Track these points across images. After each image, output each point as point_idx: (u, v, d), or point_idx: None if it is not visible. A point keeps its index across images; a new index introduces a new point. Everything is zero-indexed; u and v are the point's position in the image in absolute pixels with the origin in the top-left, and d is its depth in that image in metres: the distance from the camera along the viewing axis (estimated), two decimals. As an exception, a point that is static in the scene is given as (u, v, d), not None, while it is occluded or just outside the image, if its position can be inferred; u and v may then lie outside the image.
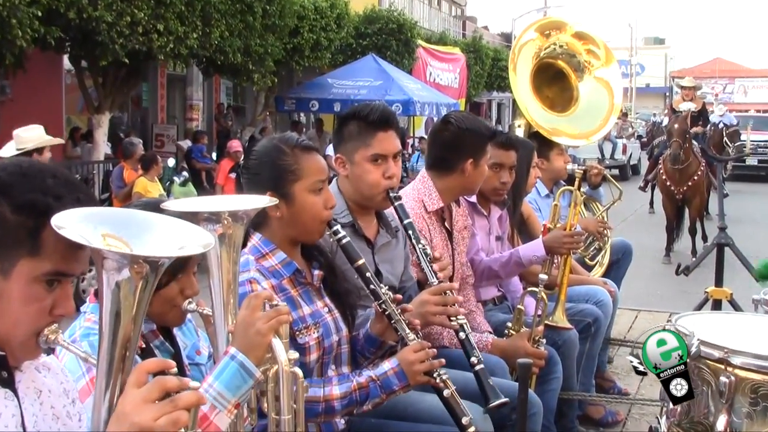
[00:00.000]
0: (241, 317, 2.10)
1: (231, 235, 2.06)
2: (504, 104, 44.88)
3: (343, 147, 3.34)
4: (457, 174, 3.85)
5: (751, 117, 31.79)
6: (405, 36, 21.54)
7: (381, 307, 2.80)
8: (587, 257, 5.43)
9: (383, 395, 2.76)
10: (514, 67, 5.08)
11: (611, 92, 5.34)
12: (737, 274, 7.11)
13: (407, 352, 2.76)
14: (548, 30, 5.30)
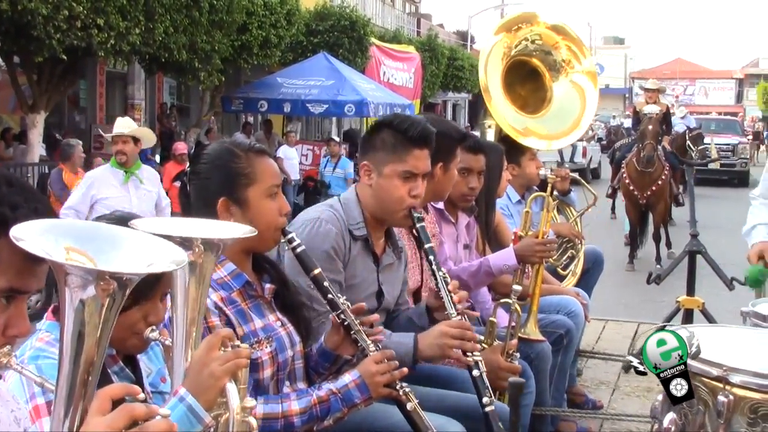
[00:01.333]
0: (197, 356, 1.97)
1: (202, 265, 1.93)
2: (460, 105, 45.10)
3: (373, 156, 3.24)
4: (427, 179, 3.66)
5: (712, 119, 32.18)
6: (358, 34, 21.37)
7: (339, 317, 2.70)
8: (559, 267, 5.34)
9: (345, 409, 2.66)
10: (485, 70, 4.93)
11: (584, 102, 5.19)
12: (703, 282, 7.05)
13: (368, 364, 2.66)
14: (516, 25, 5.12)
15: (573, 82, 5.14)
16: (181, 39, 13.79)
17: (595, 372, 6.25)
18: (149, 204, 7.50)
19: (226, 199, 2.63)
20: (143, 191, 7.50)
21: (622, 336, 7.30)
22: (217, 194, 2.64)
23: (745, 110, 64.85)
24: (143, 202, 7.42)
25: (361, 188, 3.29)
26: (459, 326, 3.09)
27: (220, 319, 2.55)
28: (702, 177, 14.06)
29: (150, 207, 7.48)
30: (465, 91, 36.26)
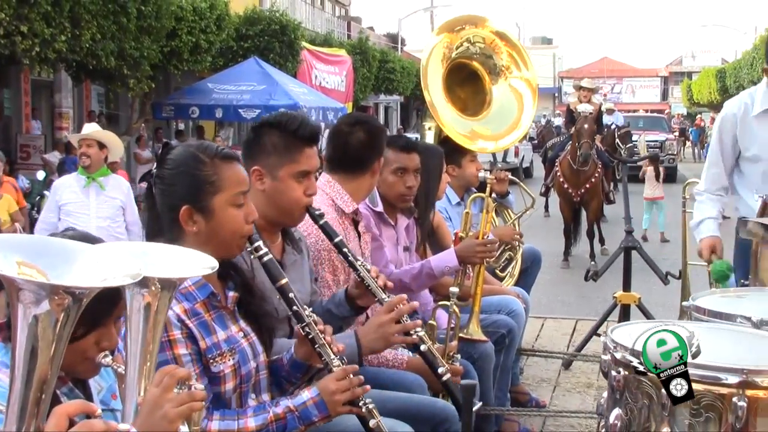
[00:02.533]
0: (150, 396, 1.90)
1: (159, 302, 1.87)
2: (391, 107, 45.18)
3: (265, 160, 3.14)
4: (369, 174, 3.78)
5: (640, 117, 32.75)
6: (288, 38, 21.22)
7: (304, 330, 2.66)
8: (498, 268, 5.36)
9: (301, 427, 2.60)
10: (425, 73, 4.88)
11: (521, 105, 5.19)
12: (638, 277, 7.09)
13: (329, 381, 2.61)
14: (459, 26, 5.10)
15: (512, 87, 5.16)
16: (108, 45, 13.51)
17: (535, 370, 6.31)
18: (110, 211, 7.25)
19: (190, 207, 2.57)
20: (104, 198, 7.26)
21: (561, 333, 7.39)
22: (181, 201, 2.58)
23: (671, 107, 66.09)
24: (103, 209, 7.22)
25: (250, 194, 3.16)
26: (393, 309, 3.05)
27: (181, 332, 2.49)
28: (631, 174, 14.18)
29: (111, 215, 7.24)
30: (397, 94, 36.33)
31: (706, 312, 2.88)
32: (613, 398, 2.46)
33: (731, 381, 2.23)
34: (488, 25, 5.13)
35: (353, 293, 3.22)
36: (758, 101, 4.31)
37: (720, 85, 42.42)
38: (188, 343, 2.50)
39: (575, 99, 13.31)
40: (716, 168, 4.49)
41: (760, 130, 4.30)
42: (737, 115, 4.37)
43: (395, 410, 3.05)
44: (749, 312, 2.76)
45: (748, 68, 33.17)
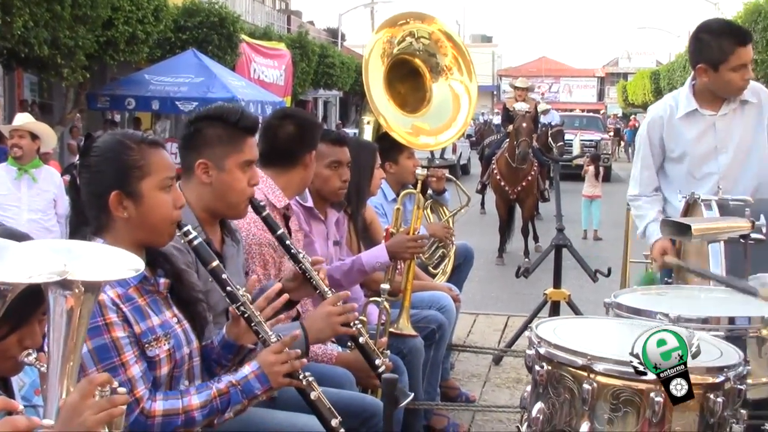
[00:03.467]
0: (70, 401, 1.87)
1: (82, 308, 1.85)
2: (331, 102, 45.07)
3: (210, 152, 3.13)
4: (300, 168, 3.78)
5: (576, 116, 33.16)
6: (227, 30, 20.99)
7: (239, 309, 2.68)
8: (431, 265, 5.40)
9: (245, 401, 2.63)
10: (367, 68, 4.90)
11: (458, 106, 5.22)
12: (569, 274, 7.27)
13: (267, 354, 2.66)
14: (403, 20, 5.13)
15: (451, 88, 5.19)
16: (42, 34, 13.17)
17: (466, 365, 6.36)
18: (42, 204, 7.11)
19: (119, 192, 2.57)
20: (36, 191, 7.11)
21: (493, 329, 7.47)
22: (110, 187, 2.57)
23: (607, 107, 67.08)
24: (35, 202, 7.07)
25: (192, 189, 3.16)
26: (339, 301, 3.18)
27: (117, 315, 2.48)
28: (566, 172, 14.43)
29: (43, 207, 7.11)
30: (336, 89, 36.27)
31: (626, 309, 2.94)
32: (536, 392, 2.51)
33: (649, 377, 2.27)
34: (436, 23, 5.17)
35: (288, 286, 3.22)
36: (682, 104, 4.41)
37: (654, 86, 43.18)
38: (125, 325, 2.49)
39: (512, 98, 13.45)
40: (648, 170, 4.57)
41: (685, 131, 4.40)
42: (663, 118, 4.46)
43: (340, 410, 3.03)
44: (668, 309, 2.81)
45: (681, 70, 33.80)
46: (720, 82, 4.21)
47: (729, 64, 4.14)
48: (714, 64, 4.17)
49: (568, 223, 7.07)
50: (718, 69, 4.17)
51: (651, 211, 4.52)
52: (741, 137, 4.35)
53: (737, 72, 4.16)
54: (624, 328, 2.86)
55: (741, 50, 4.14)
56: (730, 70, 4.15)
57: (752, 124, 4.35)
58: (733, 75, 4.16)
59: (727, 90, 4.27)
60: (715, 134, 4.35)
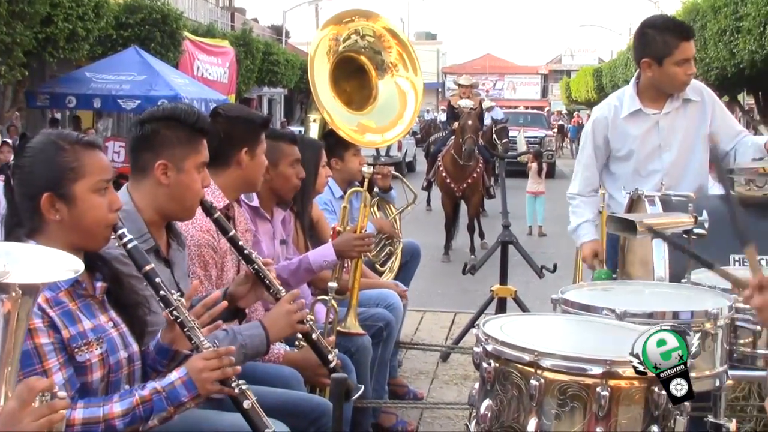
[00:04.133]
0: (8, 409, 1.84)
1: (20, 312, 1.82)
2: (275, 100, 44.84)
3: (169, 152, 3.09)
4: (234, 167, 3.72)
5: (520, 113, 33.45)
6: (170, 27, 20.75)
7: (173, 314, 2.63)
8: (378, 263, 5.39)
9: (170, 408, 2.55)
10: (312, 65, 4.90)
11: (404, 103, 5.24)
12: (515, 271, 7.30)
13: (196, 360, 2.59)
14: (349, 18, 5.12)
15: (397, 85, 5.20)
16: (-23, 30, 13.00)
17: (414, 362, 6.38)
18: None
19: (51, 194, 2.52)
20: None
21: (440, 326, 7.49)
22: (42, 189, 2.52)
23: (551, 104, 67.79)
24: None
25: (146, 190, 3.11)
26: (295, 299, 3.19)
27: (42, 321, 2.42)
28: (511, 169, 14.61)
29: None
30: (281, 86, 36.09)
31: (573, 305, 2.96)
32: (484, 389, 2.50)
33: (595, 372, 2.31)
34: (381, 21, 5.17)
35: (238, 292, 3.22)
36: (626, 103, 4.48)
37: (597, 83, 43.73)
38: (50, 331, 2.43)
39: (456, 95, 13.51)
40: (589, 171, 4.63)
41: (630, 131, 4.46)
42: (608, 118, 4.52)
43: (271, 406, 3.02)
44: (614, 304, 2.85)
45: (623, 68, 34.26)
46: (664, 77, 4.29)
47: (673, 58, 4.24)
48: (659, 59, 4.26)
49: (512, 220, 7.13)
50: (662, 63, 4.26)
51: (586, 211, 4.61)
52: (684, 135, 4.43)
53: (681, 66, 4.26)
54: (571, 324, 2.90)
55: (684, 45, 4.25)
56: (674, 64, 4.25)
57: (695, 122, 4.43)
58: (677, 69, 4.26)
59: (671, 84, 4.34)
60: (658, 133, 4.43)
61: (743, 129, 4.71)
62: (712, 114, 4.47)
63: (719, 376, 2.88)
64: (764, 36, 17.21)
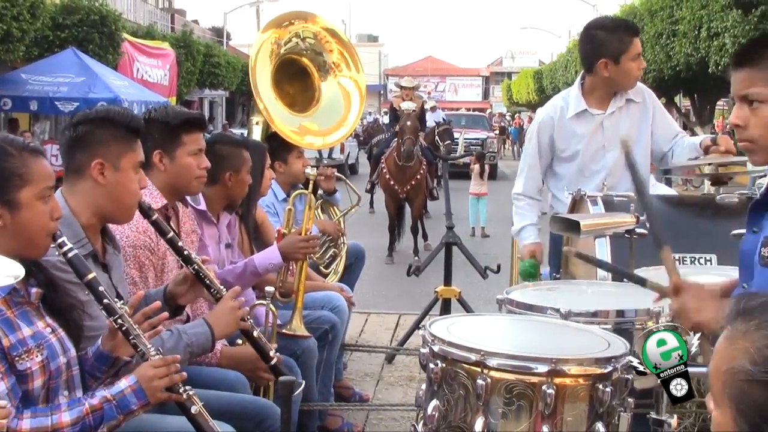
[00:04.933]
0: None
1: None
2: (217, 102, 44.54)
3: (106, 151, 3.01)
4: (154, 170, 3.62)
5: (462, 115, 33.63)
6: (109, 29, 20.47)
7: (117, 322, 2.60)
8: (322, 265, 5.37)
9: (120, 416, 2.54)
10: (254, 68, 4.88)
11: (349, 104, 5.27)
12: (459, 272, 7.30)
13: (146, 368, 2.58)
14: (287, 21, 5.12)
15: (340, 85, 5.21)
16: None
17: (359, 364, 6.37)
18: None
19: None
20: None
21: (384, 328, 7.50)
22: None
23: (492, 106, 68.28)
24: None
25: (83, 192, 3.03)
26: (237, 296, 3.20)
27: None
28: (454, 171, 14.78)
29: None
30: (222, 89, 35.86)
31: (518, 305, 2.99)
32: (431, 390, 2.51)
33: (541, 370, 2.33)
34: (319, 21, 5.17)
35: (177, 291, 3.19)
36: (572, 104, 4.54)
37: (537, 85, 44.23)
38: None
39: (398, 97, 13.54)
40: (534, 171, 4.68)
41: (576, 130, 4.53)
42: (554, 118, 4.58)
43: (217, 409, 3.02)
44: (558, 304, 2.89)
45: (563, 70, 34.69)
46: (621, 74, 4.38)
47: (629, 54, 4.34)
48: (615, 57, 4.34)
49: (455, 221, 7.16)
50: (619, 61, 4.35)
51: (531, 213, 4.66)
52: (627, 135, 4.49)
53: (635, 61, 4.37)
54: (516, 324, 2.93)
55: (636, 40, 4.39)
56: (630, 60, 4.35)
57: (637, 123, 4.51)
58: (633, 64, 4.37)
59: (627, 80, 4.44)
60: (603, 133, 4.50)
61: (681, 130, 4.80)
62: (653, 115, 4.56)
63: (661, 373, 2.92)
64: (699, 39, 17.57)
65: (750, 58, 2.44)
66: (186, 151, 3.65)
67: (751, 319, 1.47)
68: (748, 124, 2.45)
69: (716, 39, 16.68)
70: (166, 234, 3.18)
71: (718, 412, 1.50)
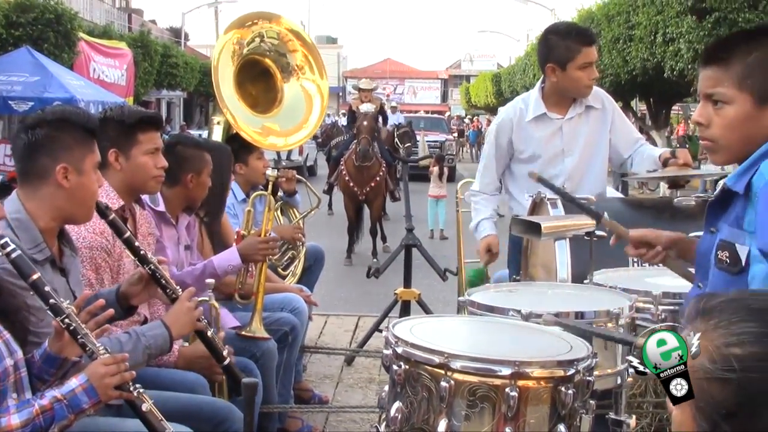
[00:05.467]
0: None
1: None
2: (174, 103, 44.20)
3: (69, 155, 2.96)
4: (111, 169, 3.59)
5: (421, 118, 33.72)
6: (64, 28, 20.14)
7: (64, 322, 2.56)
8: (280, 267, 5.36)
9: (71, 416, 2.51)
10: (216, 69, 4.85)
11: (310, 106, 5.26)
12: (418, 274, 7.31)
13: (97, 366, 2.56)
14: (250, 21, 5.10)
15: (303, 88, 5.20)
16: None
17: (319, 366, 6.36)
18: None
19: None
20: None
21: (344, 330, 7.49)
22: None
23: (451, 109, 68.57)
24: None
25: (43, 196, 2.97)
26: (191, 296, 3.21)
27: None
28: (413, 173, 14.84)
29: None
30: (180, 89, 35.60)
31: (479, 306, 2.99)
32: (394, 392, 2.50)
33: (504, 372, 2.33)
34: (284, 22, 5.16)
35: (130, 292, 3.17)
36: (531, 107, 4.58)
37: (496, 89, 44.43)
38: None
39: (357, 99, 13.55)
40: (491, 170, 4.73)
41: (534, 134, 4.56)
42: (513, 120, 4.61)
43: (175, 411, 3.02)
44: (519, 305, 2.90)
45: (521, 73, 34.88)
46: (568, 81, 4.39)
47: (576, 63, 4.35)
48: (562, 64, 4.37)
49: (415, 223, 7.17)
50: (566, 68, 4.37)
51: (486, 208, 4.72)
52: (586, 141, 4.55)
53: (584, 71, 4.37)
54: (479, 325, 2.94)
55: (586, 50, 4.36)
56: (577, 69, 4.36)
57: (597, 129, 4.55)
58: (581, 74, 4.37)
59: (575, 89, 4.46)
60: (562, 137, 4.54)
61: (641, 137, 4.86)
62: (612, 121, 4.61)
63: (620, 374, 2.95)
64: (655, 44, 17.76)
65: (719, 57, 2.45)
66: (142, 150, 3.61)
67: (710, 318, 1.50)
68: (711, 124, 2.47)
69: (671, 44, 16.87)
70: (122, 233, 3.15)
71: (677, 411, 1.51)
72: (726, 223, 2.48)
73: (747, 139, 2.44)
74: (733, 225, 2.44)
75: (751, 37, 2.48)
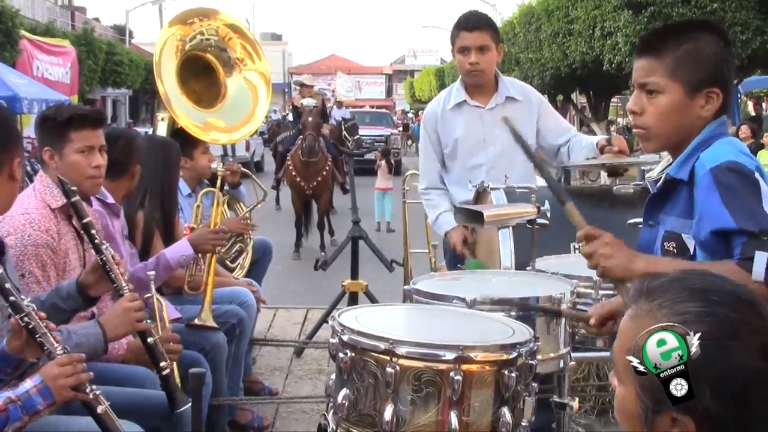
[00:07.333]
0: None
1: None
2: (120, 101, 43.65)
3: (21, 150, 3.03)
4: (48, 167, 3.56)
5: (366, 113, 33.73)
6: (5, 25, 19.90)
7: (23, 320, 2.54)
8: (228, 259, 5.34)
9: (26, 417, 2.50)
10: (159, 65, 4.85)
11: (256, 97, 5.28)
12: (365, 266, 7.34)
13: (51, 366, 2.54)
14: (191, 18, 5.11)
15: (246, 79, 5.21)
16: None
17: (268, 359, 6.39)
18: None
19: None
20: None
21: (293, 322, 7.52)
22: None
23: (395, 104, 68.65)
24: None
25: None
26: (137, 299, 3.16)
27: None
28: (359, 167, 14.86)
29: None
30: (125, 87, 35.20)
31: (425, 294, 3.03)
32: (341, 379, 2.54)
33: (448, 357, 2.37)
34: (221, 18, 5.17)
35: (87, 281, 3.15)
36: (453, 96, 4.73)
37: (440, 83, 44.63)
38: None
39: (299, 95, 13.57)
40: (431, 163, 4.80)
41: (455, 122, 4.68)
42: (437, 112, 4.75)
43: (124, 406, 2.99)
44: (463, 293, 2.94)
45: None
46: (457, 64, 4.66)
47: (455, 47, 4.61)
48: (452, 49, 4.67)
49: (361, 216, 7.21)
50: (454, 53, 4.67)
51: (442, 202, 4.75)
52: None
53: (463, 55, 4.59)
54: (424, 313, 2.97)
55: (463, 34, 4.57)
56: (458, 52, 4.61)
57: (520, 119, 4.59)
58: (460, 57, 4.61)
59: (461, 72, 4.67)
60: (482, 126, 4.63)
61: (572, 126, 4.97)
62: (539, 113, 4.72)
63: (563, 358, 3.01)
64: (593, 38, 18.02)
65: (654, 47, 2.53)
66: (73, 148, 3.54)
67: (654, 298, 1.54)
68: (644, 112, 2.56)
69: (609, 38, 17.13)
70: (83, 217, 3.14)
71: (621, 389, 1.55)
72: (670, 214, 2.56)
73: (678, 128, 2.54)
74: (681, 215, 2.52)
75: (683, 29, 2.57)
